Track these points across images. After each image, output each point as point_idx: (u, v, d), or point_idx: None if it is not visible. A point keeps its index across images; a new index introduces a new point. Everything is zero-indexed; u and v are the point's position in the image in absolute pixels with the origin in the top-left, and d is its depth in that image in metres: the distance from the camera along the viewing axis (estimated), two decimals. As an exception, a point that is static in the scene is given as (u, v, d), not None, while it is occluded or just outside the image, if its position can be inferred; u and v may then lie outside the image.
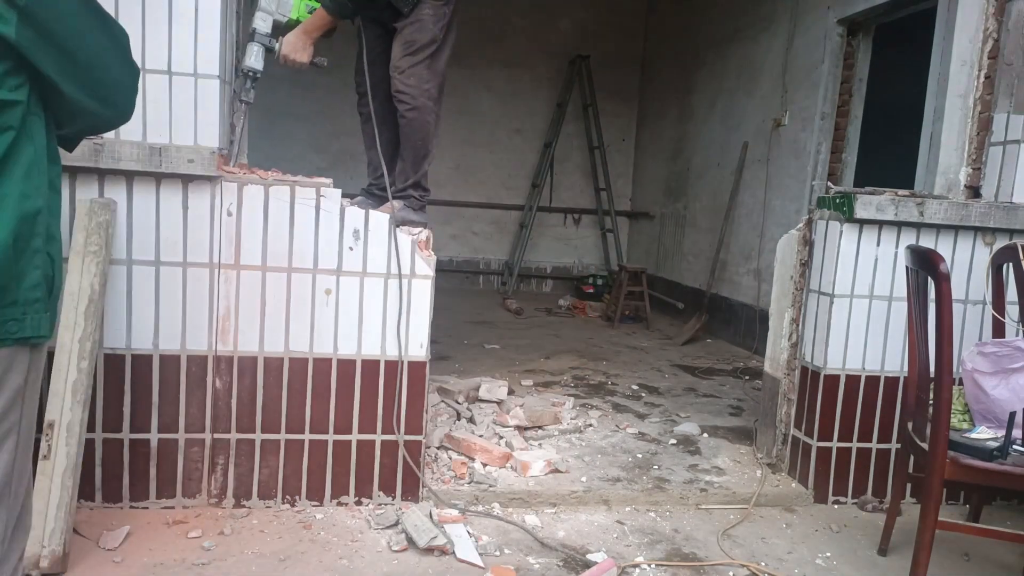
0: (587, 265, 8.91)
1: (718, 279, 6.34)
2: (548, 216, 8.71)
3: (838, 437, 2.87)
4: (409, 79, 2.60)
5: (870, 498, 2.89)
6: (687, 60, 7.37)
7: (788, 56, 5.47)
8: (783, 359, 3.05)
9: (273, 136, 7.31)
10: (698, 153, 7.06)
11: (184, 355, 2.39)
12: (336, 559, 2.22)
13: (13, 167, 1.16)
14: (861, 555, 2.50)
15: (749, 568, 2.34)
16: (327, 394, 2.50)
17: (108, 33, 1.25)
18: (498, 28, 8.40)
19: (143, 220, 2.31)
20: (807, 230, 2.96)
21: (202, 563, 2.14)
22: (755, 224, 5.85)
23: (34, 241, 1.21)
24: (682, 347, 5.86)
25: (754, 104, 5.99)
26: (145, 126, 2.26)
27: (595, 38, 8.56)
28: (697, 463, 3.14)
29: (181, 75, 2.27)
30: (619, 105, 8.77)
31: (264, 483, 2.50)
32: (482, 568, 2.21)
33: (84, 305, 2.14)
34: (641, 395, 4.22)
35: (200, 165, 2.26)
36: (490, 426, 3.22)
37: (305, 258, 2.43)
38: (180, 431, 2.42)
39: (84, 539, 2.21)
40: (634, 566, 2.30)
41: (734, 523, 2.67)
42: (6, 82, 1.12)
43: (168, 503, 2.44)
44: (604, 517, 2.65)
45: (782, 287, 3.09)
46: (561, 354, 5.20)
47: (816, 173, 5.05)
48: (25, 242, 1.19)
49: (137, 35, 2.22)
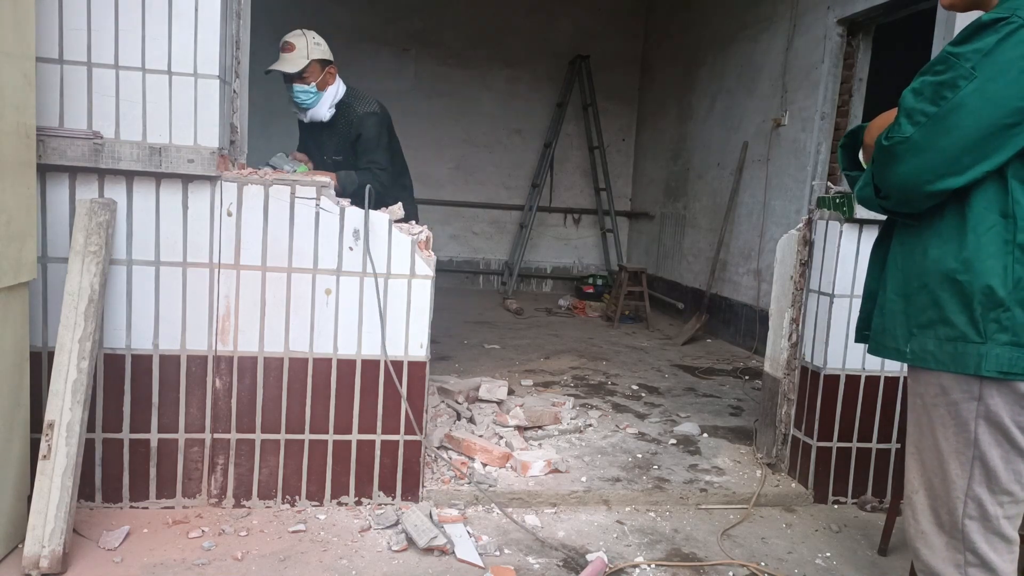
0: (587, 265, 8.91)
1: (718, 279, 6.34)
2: (548, 216, 8.71)
3: (838, 437, 2.87)
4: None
5: (870, 498, 2.90)
6: (687, 60, 7.38)
7: (788, 56, 5.47)
8: (783, 359, 3.05)
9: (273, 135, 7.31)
10: (698, 153, 7.06)
11: (184, 355, 2.39)
12: (336, 559, 2.22)
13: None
14: (861, 555, 2.50)
15: (749, 568, 2.34)
16: (327, 394, 2.50)
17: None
18: (498, 28, 8.40)
19: (143, 220, 2.31)
20: (807, 230, 2.96)
21: (202, 563, 2.14)
22: (755, 224, 5.85)
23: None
24: (682, 347, 5.86)
25: (754, 104, 5.99)
26: (145, 126, 2.26)
27: (595, 38, 8.56)
28: (697, 463, 3.14)
29: (181, 75, 2.27)
30: (619, 105, 8.77)
31: (264, 483, 2.50)
32: (482, 568, 2.21)
33: (84, 305, 2.14)
34: (641, 395, 4.22)
35: (200, 165, 2.27)
36: (490, 426, 3.22)
37: (305, 258, 2.43)
38: (180, 431, 2.42)
39: (84, 539, 2.21)
40: (634, 566, 2.30)
41: (734, 523, 2.67)
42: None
43: (168, 503, 2.44)
44: (604, 517, 2.65)
45: (782, 287, 3.09)
46: (561, 354, 5.20)
47: (816, 173, 5.05)
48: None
49: (137, 35, 2.22)
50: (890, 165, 1.31)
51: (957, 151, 1.24)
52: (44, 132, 2.15)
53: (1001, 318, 1.26)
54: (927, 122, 1.25)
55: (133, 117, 2.24)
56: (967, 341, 1.29)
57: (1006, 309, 1.26)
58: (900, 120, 1.29)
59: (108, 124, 2.23)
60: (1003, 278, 1.26)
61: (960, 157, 1.24)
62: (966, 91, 1.22)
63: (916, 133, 1.26)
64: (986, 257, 1.27)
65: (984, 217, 1.28)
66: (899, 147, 1.28)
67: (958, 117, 1.23)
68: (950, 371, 1.32)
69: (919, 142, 1.26)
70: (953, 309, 1.30)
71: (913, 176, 1.28)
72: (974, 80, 1.21)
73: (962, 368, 1.30)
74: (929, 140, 1.25)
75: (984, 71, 1.21)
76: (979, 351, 1.28)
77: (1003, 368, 1.26)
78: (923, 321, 1.35)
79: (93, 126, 2.22)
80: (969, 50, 1.23)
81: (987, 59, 1.21)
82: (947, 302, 1.31)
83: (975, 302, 1.27)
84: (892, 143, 1.29)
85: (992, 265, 1.26)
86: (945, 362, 1.32)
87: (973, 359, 1.29)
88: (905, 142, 1.27)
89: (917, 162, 1.27)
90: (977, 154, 1.24)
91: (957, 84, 1.22)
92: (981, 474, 1.32)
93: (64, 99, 2.20)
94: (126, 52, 2.22)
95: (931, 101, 1.25)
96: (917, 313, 1.36)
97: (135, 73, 2.23)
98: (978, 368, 1.28)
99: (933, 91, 1.26)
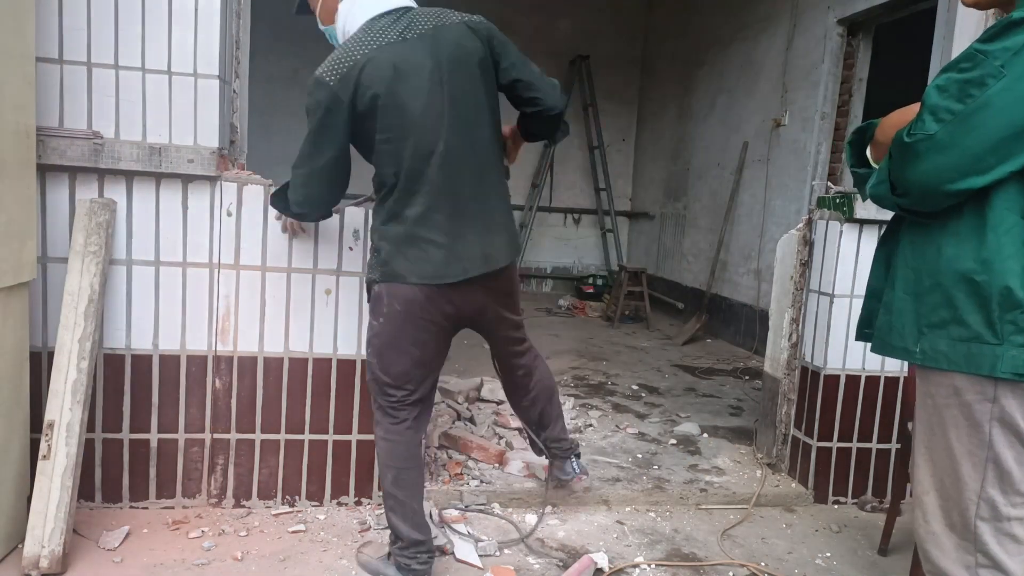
0: (587, 265, 8.91)
1: (718, 279, 6.34)
2: (548, 216, 8.71)
3: (838, 437, 2.87)
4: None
5: (870, 498, 2.89)
6: (687, 60, 7.37)
7: (788, 56, 5.47)
8: (783, 359, 3.05)
9: (273, 135, 7.31)
10: (698, 153, 7.06)
11: (184, 355, 2.39)
12: (336, 559, 2.22)
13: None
14: (861, 555, 2.50)
15: (749, 568, 2.34)
16: (327, 394, 2.50)
17: None
18: (498, 28, 8.39)
19: (143, 220, 2.31)
20: (807, 230, 2.96)
21: (202, 563, 2.14)
22: (755, 224, 5.85)
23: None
24: (682, 347, 5.86)
25: (754, 104, 5.99)
26: (145, 126, 2.26)
27: (595, 38, 8.56)
28: (697, 463, 3.14)
29: (181, 75, 2.27)
30: (619, 105, 8.77)
31: (264, 483, 2.50)
32: (481, 568, 2.21)
33: (84, 305, 2.14)
34: (641, 395, 4.22)
35: (200, 165, 2.27)
36: (490, 426, 3.22)
37: (305, 258, 2.43)
38: (180, 431, 2.42)
39: (84, 539, 2.21)
40: (634, 566, 2.30)
41: (734, 523, 2.66)
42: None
43: (168, 503, 2.44)
44: (604, 517, 2.65)
45: (782, 287, 3.09)
46: (561, 354, 5.20)
47: (816, 173, 5.05)
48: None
49: (137, 35, 2.22)
50: (911, 162, 1.29)
51: (982, 150, 1.22)
52: (44, 132, 2.15)
53: (1018, 319, 1.25)
54: (952, 120, 1.23)
55: (133, 117, 2.24)
56: (982, 342, 1.28)
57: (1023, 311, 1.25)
58: (923, 117, 1.27)
59: (108, 124, 2.23)
60: (1022, 279, 1.25)
61: (984, 156, 1.23)
62: (994, 89, 1.19)
63: (940, 131, 1.24)
64: (1006, 258, 1.25)
65: (1004, 217, 1.26)
66: (921, 144, 1.26)
67: (984, 116, 1.21)
68: (963, 372, 1.31)
69: (943, 140, 1.24)
70: (968, 309, 1.29)
71: (935, 174, 1.26)
72: (1003, 79, 1.19)
73: (976, 369, 1.29)
74: (953, 138, 1.23)
75: (1013, 70, 1.18)
76: (995, 352, 1.27)
77: (1019, 370, 1.25)
78: (935, 321, 1.34)
79: (93, 126, 2.22)
80: (998, 48, 1.20)
81: (1016, 58, 1.18)
82: (962, 302, 1.30)
83: (993, 303, 1.26)
84: (914, 140, 1.27)
85: (1011, 266, 1.25)
86: (958, 362, 1.31)
87: (988, 360, 1.28)
88: (928, 139, 1.25)
89: (940, 160, 1.25)
90: (1002, 154, 1.22)
91: (985, 82, 1.20)
92: (994, 475, 1.32)
93: (64, 99, 2.20)
94: (126, 52, 2.22)
95: (956, 99, 1.23)
96: (928, 312, 1.35)
97: (135, 73, 2.23)
98: (993, 369, 1.27)
99: (959, 88, 1.23)
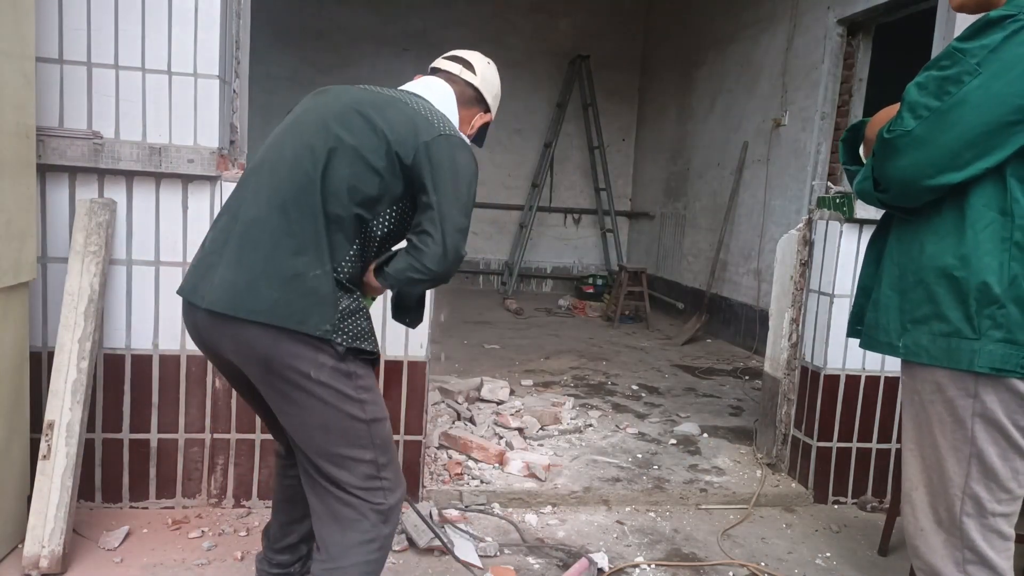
0: (587, 265, 8.91)
1: (718, 279, 6.34)
2: (548, 216, 8.71)
3: (838, 437, 2.87)
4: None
5: (870, 498, 2.89)
6: (687, 60, 7.37)
7: (788, 56, 5.47)
8: (783, 359, 3.05)
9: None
10: (698, 153, 7.06)
11: (184, 355, 2.39)
12: (336, 559, 2.22)
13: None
14: (861, 555, 2.50)
15: (749, 568, 2.34)
16: (327, 394, 2.50)
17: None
18: (498, 28, 8.40)
19: (143, 220, 2.31)
20: (807, 230, 2.96)
21: (202, 563, 2.14)
22: (755, 224, 5.85)
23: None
24: (682, 347, 5.86)
25: (754, 104, 5.99)
26: (145, 126, 2.26)
27: (595, 38, 8.56)
28: (697, 463, 3.14)
29: (181, 75, 2.27)
30: (619, 105, 8.77)
31: (264, 483, 2.50)
32: (482, 568, 2.21)
33: (84, 305, 2.14)
34: (641, 395, 4.22)
35: (200, 165, 2.26)
36: (490, 426, 3.22)
37: (305, 258, 2.42)
38: (180, 431, 2.42)
39: (84, 539, 2.21)
40: (634, 566, 2.30)
41: (734, 523, 2.66)
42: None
43: (168, 503, 2.44)
44: (604, 517, 2.65)
45: (782, 287, 3.09)
46: (561, 354, 5.20)
47: (816, 173, 5.05)
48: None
49: (137, 35, 2.22)
50: (890, 158, 1.31)
51: (958, 147, 1.24)
52: (44, 132, 2.15)
53: (996, 315, 1.26)
54: (930, 116, 1.25)
55: (133, 117, 2.24)
56: (961, 337, 1.30)
57: (1001, 306, 1.26)
58: (903, 114, 1.29)
59: (108, 124, 2.23)
60: (999, 275, 1.26)
61: (961, 153, 1.25)
62: (970, 87, 1.22)
63: (918, 127, 1.26)
64: (983, 254, 1.27)
65: (982, 214, 1.28)
66: (900, 140, 1.28)
67: (961, 112, 1.23)
68: (943, 366, 1.32)
69: (921, 136, 1.26)
70: (948, 304, 1.31)
71: (913, 170, 1.29)
72: (979, 76, 1.21)
73: (955, 364, 1.31)
74: (931, 134, 1.25)
75: (989, 68, 1.21)
76: (972, 347, 1.28)
77: (995, 364, 1.27)
78: (917, 316, 1.35)
79: (93, 126, 2.22)
80: (975, 46, 1.23)
81: (993, 56, 1.21)
82: (943, 297, 1.32)
83: (971, 298, 1.28)
84: (894, 136, 1.29)
85: (989, 262, 1.27)
86: (938, 357, 1.33)
87: (966, 355, 1.29)
88: (907, 135, 1.27)
89: (918, 156, 1.27)
90: (978, 150, 1.24)
91: (962, 80, 1.22)
92: (979, 471, 1.32)
93: (64, 99, 2.20)
94: (126, 52, 2.22)
95: (935, 96, 1.25)
96: (912, 308, 1.37)
97: (135, 73, 2.23)
98: (971, 364, 1.29)
99: (937, 86, 1.25)
